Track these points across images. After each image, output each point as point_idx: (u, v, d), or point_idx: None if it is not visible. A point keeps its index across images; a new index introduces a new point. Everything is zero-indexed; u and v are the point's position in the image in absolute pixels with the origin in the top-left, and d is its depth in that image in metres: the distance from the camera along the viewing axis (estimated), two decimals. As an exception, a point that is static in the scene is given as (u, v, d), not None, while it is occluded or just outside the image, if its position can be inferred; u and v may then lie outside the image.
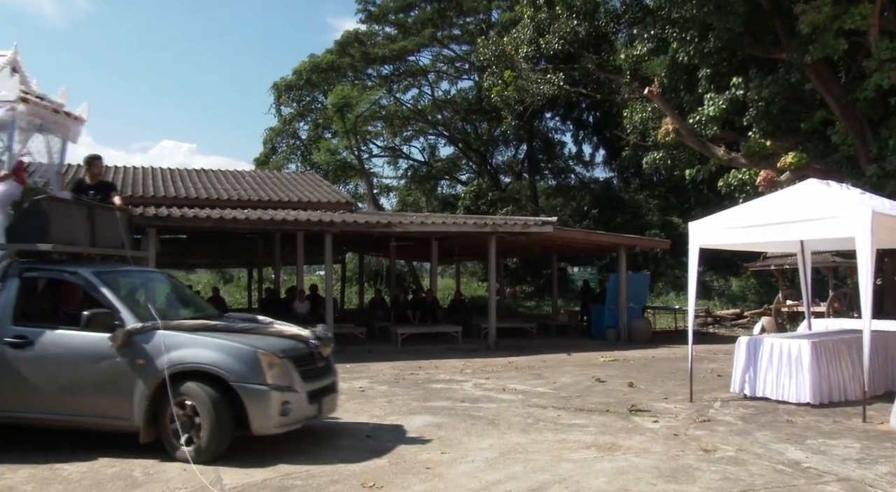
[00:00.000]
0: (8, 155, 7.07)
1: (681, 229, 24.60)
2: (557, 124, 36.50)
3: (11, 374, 6.09)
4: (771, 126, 16.80)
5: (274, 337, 6.38)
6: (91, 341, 5.98)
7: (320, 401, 6.37)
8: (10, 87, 6.91)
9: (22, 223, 6.54)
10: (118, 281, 6.67)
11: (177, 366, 5.79)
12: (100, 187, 8.27)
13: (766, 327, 17.97)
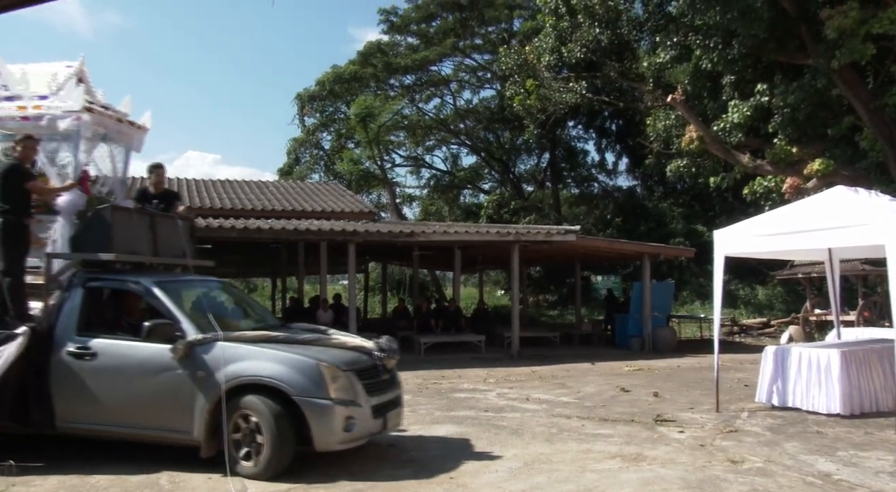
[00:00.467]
0: (73, 165, 7.08)
1: (705, 238, 24.36)
2: (580, 133, 36.42)
3: (75, 385, 6.02)
4: (797, 132, 16.62)
5: (336, 349, 6.15)
6: (152, 353, 5.86)
7: (385, 416, 6.11)
8: (76, 98, 6.93)
9: (85, 233, 6.53)
10: (179, 291, 6.58)
11: (237, 379, 5.62)
12: (163, 197, 8.14)
13: (793, 337, 17.71)
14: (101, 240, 6.43)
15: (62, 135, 6.97)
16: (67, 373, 6.03)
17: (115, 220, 6.53)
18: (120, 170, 8.23)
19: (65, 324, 6.20)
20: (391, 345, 6.40)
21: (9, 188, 6.47)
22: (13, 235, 6.43)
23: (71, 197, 6.80)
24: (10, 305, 6.25)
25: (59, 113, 6.91)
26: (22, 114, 7.04)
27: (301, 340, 6.13)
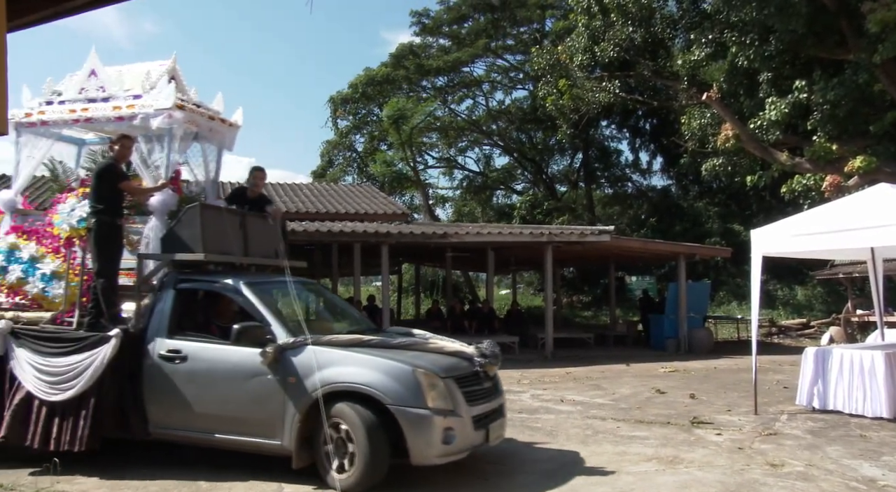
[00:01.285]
0: (165, 163, 6.96)
1: (742, 237, 24.03)
2: (613, 132, 36.15)
3: (166, 389, 5.85)
4: (837, 129, 16.26)
5: (434, 354, 5.77)
6: (242, 357, 5.62)
7: (487, 427, 5.64)
8: (167, 95, 6.85)
9: (175, 233, 6.35)
10: (271, 292, 6.37)
11: (329, 385, 5.30)
12: (257, 202, 7.80)
13: (834, 338, 17.33)
14: (190, 240, 6.25)
15: (155, 133, 6.88)
16: (159, 376, 5.89)
17: (204, 219, 6.32)
18: (212, 169, 8.09)
19: (156, 326, 6.07)
20: (493, 350, 5.96)
21: (103, 189, 6.39)
22: (106, 236, 6.33)
23: (163, 197, 6.71)
24: (103, 307, 6.19)
25: (151, 111, 6.83)
26: (116, 114, 7.01)
27: (396, 345, 5.77)
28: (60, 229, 6.95)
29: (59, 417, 5.92)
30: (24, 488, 5.47)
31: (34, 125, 7.47)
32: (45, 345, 6.09)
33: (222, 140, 7.92)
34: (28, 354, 6.11)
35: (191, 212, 6.36)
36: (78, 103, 7.24)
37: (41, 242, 7.04)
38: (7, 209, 7.57)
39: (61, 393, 5.86)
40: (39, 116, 7.40)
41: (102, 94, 7.18)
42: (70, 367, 5.86)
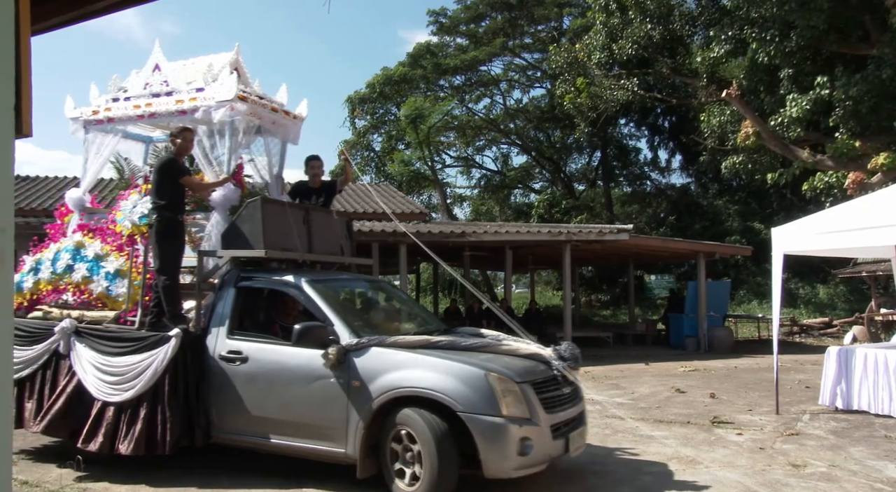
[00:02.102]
0: (227, 157, 6.72)
1: (763, 235, 23.80)
2: (632, 130, 35.92)
3: (227, 391, 5.62)
4: (860, 126, 16.06)
5: (508, 356, 5.39)
6: (304, 359, 5.32)
7: (567, 436, 5.21)
8: (229, 87, 6.61)
9: (236, 228, 6.12)
10: (335, 291, 6.09)
11: (394, 390, 4.98)
12: (322, 190, 7.59)
13: (858, 337, 17.13)
14: (251, 236, 6.00)
15: (217, 126, 6.68)
16: (219, 378, 5.66)
17: (265, 214, 6.04)
18: (275, 163, 7.84)
19: (217, 326, 5.84)
20: (573, 352, 5.54)
21: (164, 184, 6.19)
22: (168, 233, 6.12)
23: (224, 192, 6.50)
24: (164, 306, 6.02)
25: (212, 104, 6.60)
26: (179, 108, 6.83)
27: (467, 347, 5.39)
28: (123, 227, 6.89)
29: (120, 418, 5.74)
30: (49, 485, 5.54)
31: (101, 122, 7.41)
32: (107, 344, 5.97)
33: (286, 133, 7.67)
34: (90, 353, 5.99)
35: (251, 207, 6.10)
36: (142, 99, 7.13)
37: (106, 240, 6.95)
38: (76, 207, 7.51)
39: (120, 394, 5.72)
40: (106, 113, 7.32)
41: (166, 89, 7.06)
42: (130, 367, 5.71)
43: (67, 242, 7.03)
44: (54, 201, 18.12)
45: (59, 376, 6.16)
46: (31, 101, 1.63)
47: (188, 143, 6.44)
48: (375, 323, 5.77)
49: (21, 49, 1.52)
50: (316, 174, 7.60)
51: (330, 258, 6.90)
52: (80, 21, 2.57)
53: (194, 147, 6.67)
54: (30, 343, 6.28)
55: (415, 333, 5.81)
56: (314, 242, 6.60)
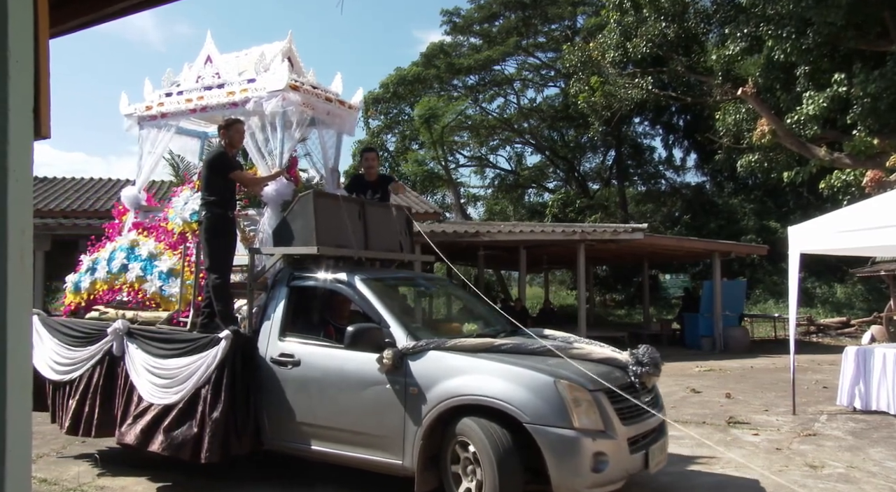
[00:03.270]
0: (279, 150, 6.37)
1: (779, 234, 23.61)
2: (646, 129, 35.76)
3: (279, 396, 5.33)
4: (878, 123, 15.88)
5: (580, 361, 4.89)
6: (358, 363, 4.97)
7: (646, 450, 4.71)
8: (281, 76, 6.26)
9: (287, 225, 5.82)
10: (391, 290, 5.75)
11: (454, 398, 4.58)
12: (378, 184, 7.19)
13: (876, 337, 16.93)
14: (303, 232, 5.68)
15: (269, 118, 6.36)
16: (271, 382, 5.37)
17: (318, 209, 5.69)
18: (331, 156, 7.43)
19: (268, 327, 5.54)
20: (653, 356, 5.05)
21: (213, 179, 5.89)
22: (218, 230, 5.84)
23: (277, 186, 6.16)
24: (215, 307, 5.75)
25: (264, 94, 6.29)
26: (230, 100, 6.54)
27: (533, 350, 4.94)
28: (174, 224, 6.69)
29: (171, 422, 5.48)
30: (67, 482, 5.60)
31: (155, 118, 7.21)
32: (158, 346, 5.76)
33: (341, 124, 7.25)
34: (142, 355, 5.79)
35: (303, 201, 5.75)
36: (194, 92, 6.88)
37: (159, 238, 6.77)
38: (131, 206, 7.35)
39: (170, 396, 5.50)
40: (159, 109, 7.13)
41: (218, 81, 6.78)
42: (179, 370, 5.49)
43: (122, 241, 6.90)
44: (71, 203, 18.29)
45: (112, 377, 6.00)
46: (49, 103, 1.65)
47: (238, 135, 6.12)
48: (435, 324, 5.58)
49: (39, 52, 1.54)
50: (371, 167, 7.28)
51: (388, 255, 6.50)
52: (97, 23, 2.59)
53: (246, 140, 6.38)
54: (84, 344, 6.20)
55: (477, 335, 5.42)
56: (371, 239, 6.24)
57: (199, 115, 7.13)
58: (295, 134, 6.45)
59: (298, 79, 6.51)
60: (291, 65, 6.71)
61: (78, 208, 17.84)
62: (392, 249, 6.56)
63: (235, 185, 6.08)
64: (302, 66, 7.04)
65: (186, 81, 7.08)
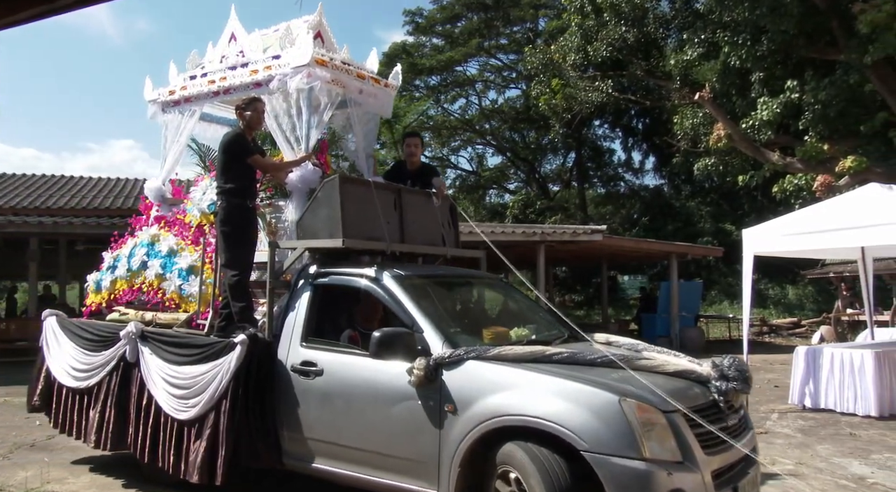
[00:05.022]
0: (305, 132, 5.72)
1: (734, 236, 24.13)
2: (606, 132, 36.24)
3: (299, 410, 4.71)
4: (828, 129, 16.33)
5: (650, 375, 4.03)
6: (387, 374, 4.28)
7: (735, 485, 3.84)
8: (306, 50, 5.60)
9: (312, 215, 5.20)
10: (428, 289, 4.96)
11: (496, 418, 3.80)
12: (420, 174, 6.39)
13: (825, 337, 17.43)
14: (329, 223, 5.05)
15: (294, 97, 5.74)
16: (291, 394, 4.75)
17: (345, 196, 5.04)
18: (365, 140, 6.78)
19: (290, 331, 4.92)
20: (741, 368, 4.10)
21: (230, 165, 5.30)
22: (235, 221, 5.24)
23: (302, 172, 5.54)
24: (231, 307, 5.18)
25: (288, 70, 5.65)
26: (254, 79, 5.95)
27: (592, 361, 4.11)
28: (191, 216, 6.16)
29: (182, 438, 5.00)
30: (13, 488, 5.44)
31: (178, 103, 6.67)
32: (173, 351, 5.22)
33: (376, 104, 6.53)
34: (157, 361, 5.27)
35: (328, 187, 5.11)
36: (217, 73, 6.30)
37: (181, 233, 6.23)
38: (155, 198, 6.81)
39: (188, 410, 4.94)
40: (182, 93, 6.58)
41: (242, 60, 6.18)
42: (194, 379, 4.94)
43: (143, 237, 6.40)
44: (22, 199, 17.78)
45: (128, 385, 5.52)
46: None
47: (257, 115, 5.52)
48: (478, 329, 4.72)
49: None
50: (413, 154, 6.52)
51: (427, 249, 5.80)
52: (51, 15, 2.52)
53: (271, 123, 5.83)
54: (99, 348, 5.76)
55: (528, 341, 4.60)
56: (407, 231, 5.52)
57: (222, 98, 6.51)
58: (323, 115, 5.83)
59: (326, 54, 5.86)
60: (322, 40, 6.13)
61: (29, 205, 17.36)
62: (432, 242, 5.84)
63: (255, 171, 5.46)
64: (334, 41, 6.37)
65: (212, 63, 6.54)
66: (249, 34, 6.40)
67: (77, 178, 21.71)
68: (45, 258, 17.32)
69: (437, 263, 6.06)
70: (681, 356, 4.50)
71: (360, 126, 6.65)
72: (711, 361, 4.20)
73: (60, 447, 6.85)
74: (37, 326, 16.54)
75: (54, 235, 16.63)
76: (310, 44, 5.65)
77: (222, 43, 6.56)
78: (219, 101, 6.64)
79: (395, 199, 5.54)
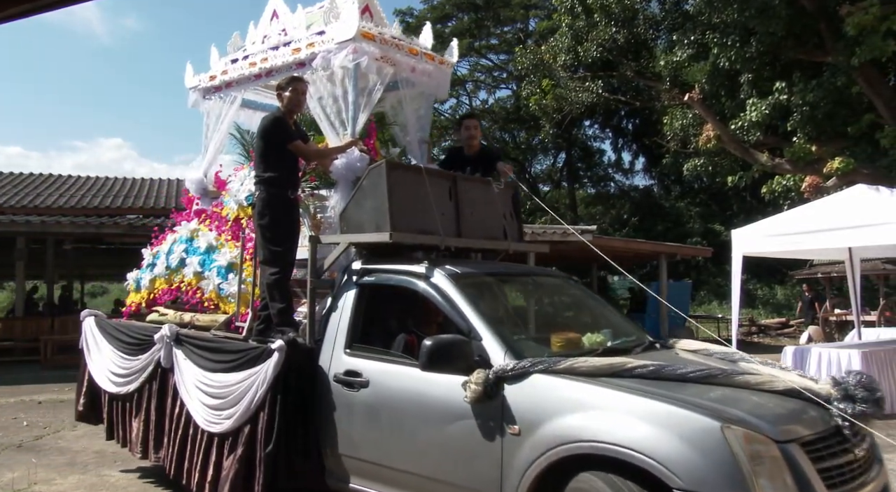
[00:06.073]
0: (350, 114, 5.22)
1: (723, 237, 24.26)
2: (596, 132, 36.37)
3: (340, 426, 4.23)
4: (816, 131, 16.45)
5: (755, 393, 3.42)
6: (441, 388, 3.73)
7: None
8: (350, 23, 5.10)
9: (357, 205, 4.68)
10: (487, 290, 4.47)
11: (572, 444, 3.21)
12: (480, 159, 5.76)
13: (813, 337, 17.56)
14: (375, 214, 4.52)
15: (339, 75, 5.24)
16: (334, 407, 4.27)
17: (393, 184, 4.49)
18: (419, 122, 6.17)
19: (332, 336, 4.43)
20: (870, 387, 3.39)
21: (269, 151, 4.82)
22: (277, 215, 4.76)
23: (347, 159, 5.03)
24: (270, 309, 4.71)
25: (332, 46, 5.16)
26: (296, 58, 5.50)
27: (683, 375, 3.45)
28: (228, 209, 5.75)
29: (217, 454, 4.57)
30: (1, 489, 5.41)
31: (219, 89, 6.32)
32: (207, 357, 4.82)
33: (431, 83, 5.97)
34: (192, 367, 4.87)
35: (374, 175, 4.58)
36: (259, 55, 5.88)
37: (220, 227, 5.81)
38: (196, 191, 6.45)
39: (221, 423, 4.53)
40: (223, 78, 6.22)
41: (284, 39, 5.72)
42: (229, 388, 4.51)
43: (182, 232, 6.05)
44: (9, 198, 17.66)
45: (163, 392, 5.20)
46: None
47: (298, 96, 5.00)
48: (545, 335, 4.17)
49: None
50: (472, 136, 5.90)
51: (486, 244, 5.19)
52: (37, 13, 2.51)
53: (314, 105, 5.36)
54: (136, 351, 5.46)
55: (604, 350, 4.00)
56: (464, 223, 4.95)
57: (265, 81, 6.05)
58: (372, 95, 5.31)
59: (374, 28, 5.37)
60: (371, 15, 5.61)
61: (16, 204, 17.25)
62: (493, 236, 5.23)
63: (296, 159, 4.97)
64: (384, 17, 5.91)
65: (254, 44, 6.14)
66: (293, 12, 5.95)
67: (65, 177, 21.59)
68: (32, 257, 17.21)
69: (497, 259, 5.46)
70: (789, 369, 3.85)
71: (412, 108, 6.10)
72: (832, 378, 3.55)
73: (48, 448, 6.81)
74: (24, 325, 16.44)
75: (42, 235, 16.52)
76: (355, 16, 5.15)
77: (264, 22, 6.14)
78: (261, 84, 6.21)
79: (451, 187, 4.96)
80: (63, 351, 15.17)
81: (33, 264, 18.27)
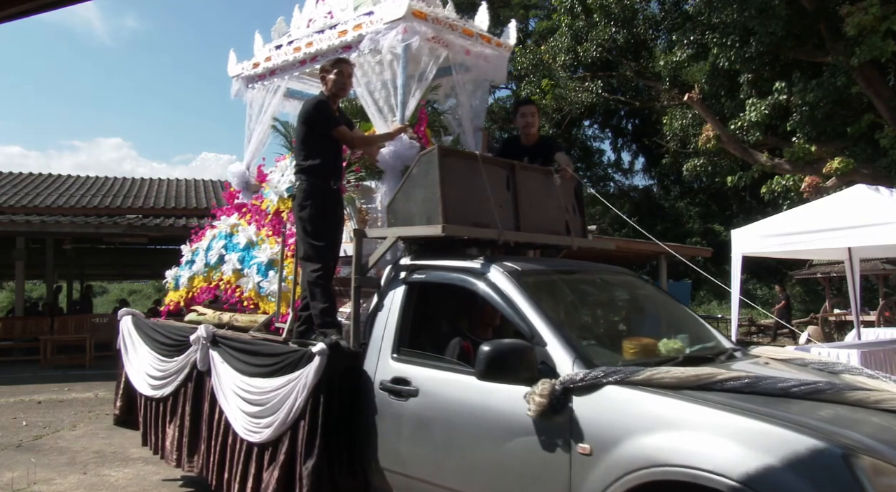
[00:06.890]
0: (400, 98, 4.89)
1: (723, 237, 24.28)
2: (596, 132, 36.35)
3: (388, 439, 3.87)
4: (816, 131, 16.47)
5: (870, 413, 2.90)
6: (500, 399, 3.32)
7: None
8: (401, 2, 4.75)
9: (406, 196, 4.23)
10: (552, 289, 3.99)
11: (654, 468, 2.74)
12: (539, 149, 5.32)
13: (812, 337, 17.56)
14: (426, 205, 4.07)
15: (388, 58, 4.91)
16: (380, 417, 3.90)
17: (445, 173, 4.05)
18: (474, 109, 5.81)
19: (378, 340, 4.06)
20: None
21: (310, 139, 4.46)
22: (318, 207, 4.40)
23: (396, 148, 4.70)
24: (311, 309, 4.39)
25: (380, 27, 4.82)
26: (342, 41, 5.16)
27: (786, 390, 2.93)
28: (268, 202, 5.50)
29: (257, 465, 4.25)
30: (0, 489, 5.41)
31: (263, 76, 6.05)
32: (245, 360, 4.48)
33: (487, 68, 5.65)
34: (230, 371, 4.54)
35: (425, 162, 4.12)
36: (304, 39, 5.56)
37: (259, 222, 5.48)
38: (238, 185, 6.20)
39: (259, 432, 4.19)
40: (266, 65, 5.93)
41: (330, 21, 5.40)
42: (268, 395, 4.17)
43: (222, 227, 5.74)
44: (9, 198, 17.66)
45: (201, 398, 4.92)
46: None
47: (344, 78, 4.60)
48: (617, 341, 3.76)
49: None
50: (530, 125, 5.48)
51: (547, 239, 4.75)
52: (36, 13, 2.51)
53: (361, 90, 5.02)
54: (173, 353, 5.18)
55: (685, 358, 3.55)
56: (524, 216, 4.49)
57: (310, 67, 5.63)
58: (424, 78, 4.99)
59: (427, 7, 5.02)
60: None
61: (15, 204, 17.25)
62: (554, 230, 4.80)
63: (341, 146, 4.63)
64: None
65: (299, 29, 5.83)
66: None
67: (64, 176, 21.60)
68: (32, 257, 17.21)
69: (560, 255, 5.11)
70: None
71: (466, 94, 5.72)
72: None
73: (47, 448, 6.81)
74: (24, 325, 16.47)
75: (41, 234, 16.53)
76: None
77: (309, 5, 5.83)
78: (306, 71, 5.84)
79: (509, 176, 4.49)
80: (61, 351, 15.20)
81: (33, 264, 18.28)
